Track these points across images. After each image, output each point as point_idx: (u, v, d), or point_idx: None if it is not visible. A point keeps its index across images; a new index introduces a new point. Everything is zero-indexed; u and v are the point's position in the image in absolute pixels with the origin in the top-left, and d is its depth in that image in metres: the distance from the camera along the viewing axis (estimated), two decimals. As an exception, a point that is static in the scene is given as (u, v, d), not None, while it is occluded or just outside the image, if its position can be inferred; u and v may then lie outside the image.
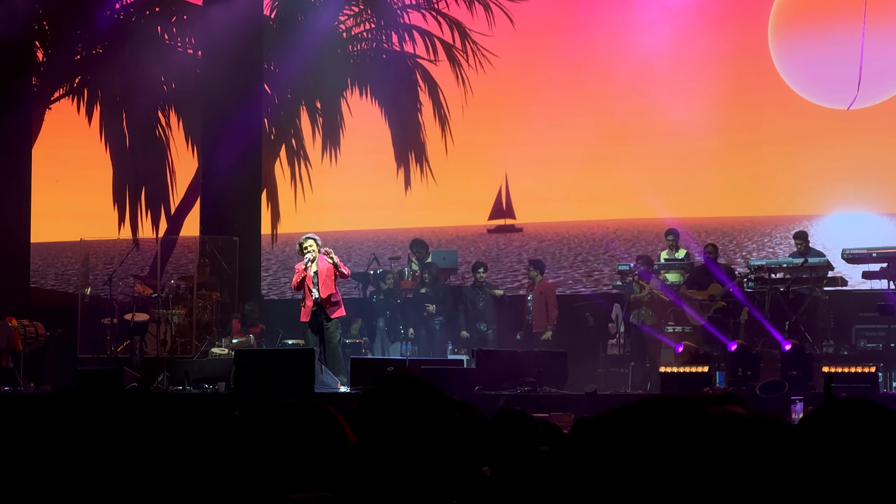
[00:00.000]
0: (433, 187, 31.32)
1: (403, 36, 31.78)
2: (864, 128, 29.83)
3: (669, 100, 30.74)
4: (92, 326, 22.71)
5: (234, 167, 23.81)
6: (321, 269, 18.30)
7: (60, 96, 31.22)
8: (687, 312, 20.02)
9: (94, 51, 30.31)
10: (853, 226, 28.87)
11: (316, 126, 31.69)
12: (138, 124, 30.64)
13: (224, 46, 23.59)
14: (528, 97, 32.57)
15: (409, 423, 3.11)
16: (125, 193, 31.10)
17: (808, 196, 32.12)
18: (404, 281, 22.25)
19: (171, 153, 31.19)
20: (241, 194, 24.48)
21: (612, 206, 34.04)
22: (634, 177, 31.49)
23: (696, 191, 32.56)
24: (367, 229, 34.18)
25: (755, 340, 18.95)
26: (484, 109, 32.17)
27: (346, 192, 32.73)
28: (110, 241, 27.25)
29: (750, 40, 31.69)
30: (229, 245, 23.22)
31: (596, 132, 31.61)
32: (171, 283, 24.27)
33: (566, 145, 32.57)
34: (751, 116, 32.39)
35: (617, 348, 20.92)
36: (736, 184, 33.24)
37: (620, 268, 21.89)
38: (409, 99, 31.54)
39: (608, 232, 35.96)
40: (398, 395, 3.18)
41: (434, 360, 19.52)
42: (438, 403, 3.20)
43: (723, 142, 32.49)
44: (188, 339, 21.92)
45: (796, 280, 19.82)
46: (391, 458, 3.08)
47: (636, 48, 30.23)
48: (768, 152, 32.29)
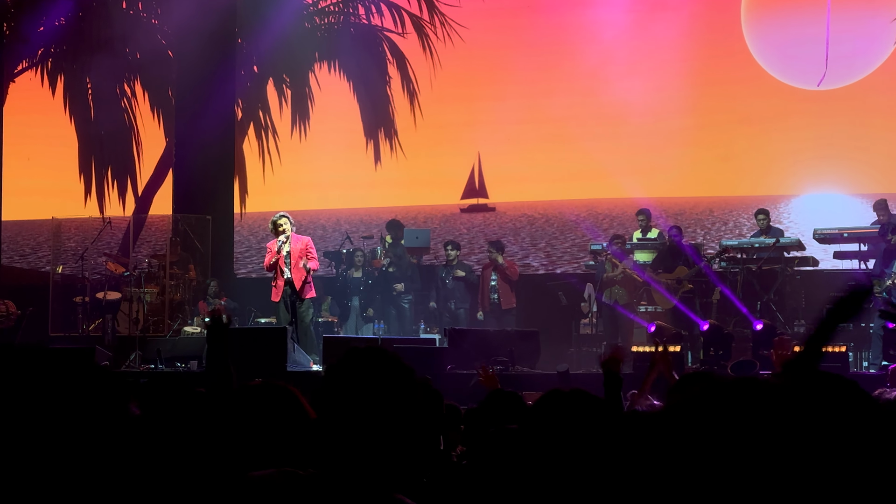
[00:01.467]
0: (406, 166, 31.29)
1: (371, 9, 31.71)
2: (836, 109, 29.95)
3: (642, 80, 30.78)
4: (64, 305, 22.64)
5: (207, 145, 23.72)
6: (294, 250, 18.24)
7: (24, 69, 30.98)
8: (659, 292, 20.07)
9: (58, 22, 30.05)
10: (824, 206, 28.99)
11: (284, 99, 31.59)
12: (103, 97, 30.43)
13: (196, 21, 23.43)
14: (501, 77, 32.57)
15: (374, 397, 3.11)
16: (91, 166, 30.95)
17: (779, 176, 32.23)
18: (376, 260, 22.24)
19: (138, 126, 31.03)
20: (214, 172, 24.39)
21: (584, 186, 34.09)
22: (607, 156, 31.54)
23: (668, 171, 32.61)
24: (340, 208, 34.15)
25: (727, 320, 19.03)
26: (456, 89, 32.16)
27: (317, 171, 32.70)
28: (82, 219, 27.13)
29: (722, 20, 31.75)
30: (202, 224, 23.15)
31: (569, 112, 31.64)
32: (143, 261, 24.20)
33: (539, 125, 32.59)
34: (723, 97, 32.47)
35: (589, 328, 20.97)
36: (708, 164, 33.33)
37: (593, 247, 21.93)
38: (377, 72, 31.48)
39: (581, 211, 36.00)
40: (364, 368, 3.17)
41: (406, 339, 19.54)
42: (404, 378, 3.20)
43: (695, 122, 32.58)
44: (160, 318, 21.87)
45: (768, 260, 19.90)
46: (353, 432, 3.08)
47: (609, 27, 30.24)
48: (740, 132, 32.38)
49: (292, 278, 18.22)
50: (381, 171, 31.46)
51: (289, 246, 18.25)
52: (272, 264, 18.36)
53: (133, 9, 30.36)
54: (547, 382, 15.96)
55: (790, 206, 32.59)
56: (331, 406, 3.14)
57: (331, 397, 3.15)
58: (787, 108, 30.93)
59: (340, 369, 3.20)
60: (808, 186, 31.04)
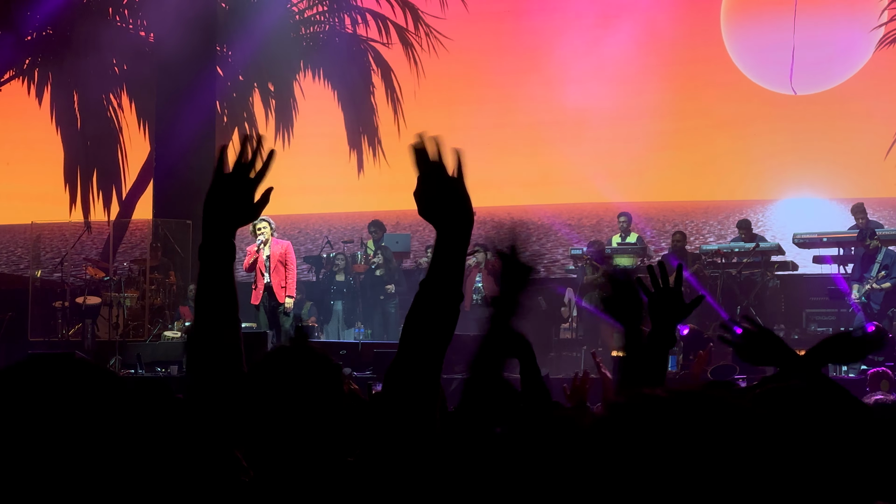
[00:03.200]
0: (386, 171, 31.32)
1: (356, 18, 31.71)
2: (815, 113, 30.07)
3: (621, 84, 30.86)
4: (43, 309, 22.59)
5: (188, 150, 23.71)
6: (273, 254, 18.26)
7: (10, 78, 30.97)
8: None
9: (45, 32, 30.06)
10: (803, 211, 29.09)
11: (269, 108, 31.59)
12: (90, 106, 30.41)
13: (177, 29, 23.45)
14: (481, 82, 32.65)
15: (295, 396, 3.10)
16: (76, 175, 30.89)
17: (758, 180, 32.35)
18: (357, 264, 22.24)
19: (123, 135, 31.00)
20: (194, 177, 24.36)
21: (563, 190, 34.17)
22: (586, 161, 31.62)
23: (647, 175, 32.72)
24: (321, 213, 34.16)
25: (707, 324, 19.08)
26: (436, 93, 32.20)
27: (299, 176, 32.71)
28: (62, 223, 27.10)
29: (701, 25, 31.85)
30: (182, 228, 23.13)
31: (548, 117, 31.73)
32: (123, 266, 24.16)
33: (517, 129, 32.67)
34: (701, 101, 32.58)
35: (570, 332, 20.99)
36: (687, 168, 33.43)
37: (573, 252, 21.97)
38: (361, 82, 31.47)
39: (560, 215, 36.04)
40: (285, 367, 3.16)
41: (386, 344, 19.53)
42: (328, 374, 3.18)
43: (673, 126, 32.67)
44: (140, 323, 21.84)
45: (748, 264, 19.96)
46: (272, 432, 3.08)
47: (588, 33, 30.33)
48: (719, 137, 32.50)
49: (271, 283, 18.23)
50: (363, 177, 31.48)
51: (268, 250, 18.25)
52: (251, 265, 18.36)
53: (120, 19, 30.37)
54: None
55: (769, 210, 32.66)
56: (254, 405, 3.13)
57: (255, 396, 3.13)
58: (766, 112, 31.04)
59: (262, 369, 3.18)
60: (788, 191, 31.16)
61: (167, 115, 24.51)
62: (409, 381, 3.22)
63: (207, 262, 3.35)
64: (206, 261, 3.35)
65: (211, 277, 3.34)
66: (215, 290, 3.34)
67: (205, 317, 3.35)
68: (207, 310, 3.36)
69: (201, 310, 3.35)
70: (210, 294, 3.35)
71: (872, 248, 18.79)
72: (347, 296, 21.87)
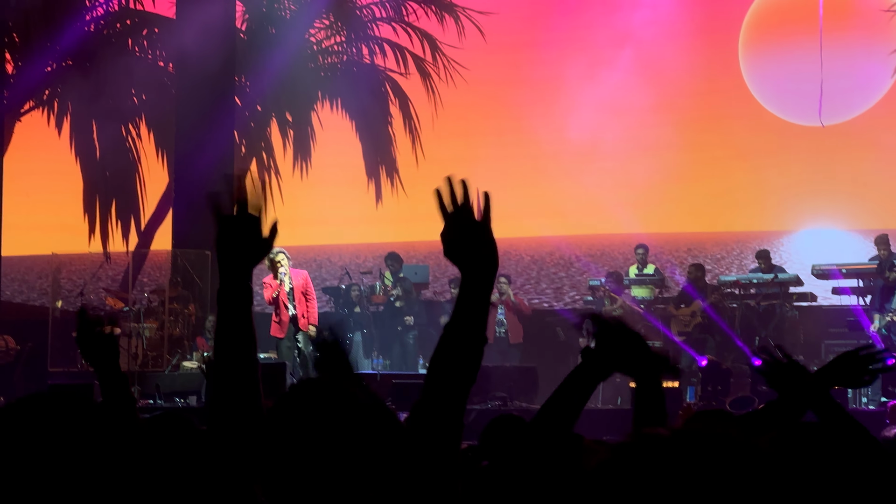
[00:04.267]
0: (405, 202, 31.33)
1: (374, 49, 31.76)
2: (834, 144, 30.05)
3: (639, 116, 30.89)
4: (63, 340, 22.61)
5: (206, 181, 23.74)
6: (296, 285, 18.31)
7: (30, 108, 31.10)
8: (657, 327, 20.10)
9: (65, 63, 30.20)
10: (822, 242, 29.04)
11: (287, 139, 31.64)
12: (109, 136, 30.51)
13: (195, 59, 23.54)
14: (500, 112, 32.71)
15: (316, 434, 3.08)
16: (95, 205, 30.97)
17: (776, 212, 32.32)
18: (375, 295, 22.25)
19: (142, 166, 31.09)
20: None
21: (581, 222, 34.18)
22: (604, 192, 31.62)
23: (666, 206, 32.71)
24: (339, 244, 34.19)
25: (725, 356, 19.04)
26: (455, 124, 32.24)
27: (317, 206, 32.75)
28: (82, 254, 27.17)
29: (720, 57, 31.89)
30: (201, 259, 23.17)
31: (565, 147, 31.75)
32: (142, 296, 24.21)
33: (537, 161, 32.70)
34: (720, 132, 32.58)
35: (587, 363, 20.93)
36: (705, 199, 33.42)
37: (591, 283, 21.95)
38: (379, 112, 31.51)
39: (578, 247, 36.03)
40: (312, 400, 3.14)
41: (405, 375, 19.52)
42: (353, 411, 3.16)
43: (693, 158, 32.67)
44: (159, 353, 21.87)
45: (766, 296, 19.91)
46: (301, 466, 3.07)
47: (607, 65, 30.36)
48: (737, 168, 32.49)
49: (297, 315, 18.26)
50: (381, 207, 31.49)
51: (290, 283, 18.29)
52: (273, 299, 18.40)
53: (139, 49, 30.53)
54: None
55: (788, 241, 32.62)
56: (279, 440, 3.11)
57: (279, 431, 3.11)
58: (785, 143, 31.04)
59: (287, 403, 3.16)
60: (806, 222, 31.12)
61: (186, 145, 24.57)
62: (434, 420, 3.22)
63: (226, 306, 3.37)
64: (224, 305, 3.37)
65: (230, 321, 3.37)
66: (235, 334, 3.37)
67: (224, 359, 3.36)
68: (227, 352, 3.38)
69: (221, 352, 3.37)
70: (229, 337, 3.37)
71: (892, 280, 18.74)
72: (366, 327, 21.88)
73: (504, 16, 32.01)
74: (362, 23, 31.53)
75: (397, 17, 31.65)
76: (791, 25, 30.53)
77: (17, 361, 22.15)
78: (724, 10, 32.18)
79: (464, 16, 31.27)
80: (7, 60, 28.97)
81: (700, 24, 32.32)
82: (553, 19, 32.97)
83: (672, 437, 1.96)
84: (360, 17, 31.48)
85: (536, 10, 33.66)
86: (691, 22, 31.91)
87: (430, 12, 31.41)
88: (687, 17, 31.44)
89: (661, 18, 30.46)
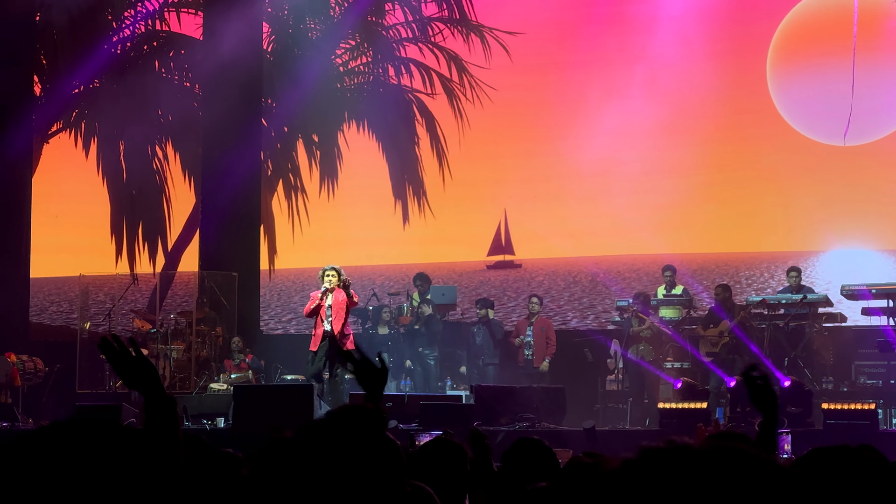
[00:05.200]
0: (432, 223, 31.29)
1: (400, 69, 31.80)
2: (862, 164, 29.93)
3: (667, 137, 30.83)
4: (91, 361, 22.67)
5: (233, 202, 23.80)
6: (335, 302, 18.33)
7: (58, 130, 31.25)
8: (685, 348, 20.03)
9: (92, 84, 30.34)
10: (851, 262, 28.90)
11: (313, 160, 31.68)
12: (135, 158, 30.63)
13: (222, 81, 23.61)
14: (527, 134, 32.69)
15: (351, 457, 3.07)
16: (122, 227, 31.07)
17: (806, 232, 32.19)
18: (403, 316, 22.24)
19: (169, 187, 31.18)
20: (239, 229, 24.46)
21: (610, 243, 34.11)
22: (632, 213, 31.55)
23: (694, 227, 32.60)
24: (367, 265, 34.19)
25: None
26: (483, 146, 32.22)
27: (345, 228, 32.77)
28: (109, 276, 27.23)
29: (747, 77, 31.81)
30: (228, 280, 23.20)
31: (594, 169, 31.68)
32: (170, 318, 24.25)
33: (565, 181, 32.66)
34: (748, 152, 32.49)
35: (615, 384, 20.89)
36: (733, 220, 33.31)
37: (619, 303, 21.89)
38: (406, 132, 31.52)
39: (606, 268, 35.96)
40: (341, 427, 3.13)
41: (432, 396, 19.51)
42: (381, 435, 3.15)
43: (720, 178, 32.59)
44: (187, 375, 21.90)
45: (795, 316, 19.80)
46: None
47: (633, 85, 30.32)
48: (765, 188, 32.38)
49: (332, 331, 18.29)
50: (408, 229, 31.46)
51: (331, 299, 18.34)
52: (312, 311, 18.46)
53: (166, 71, 30.66)
54: (573, 439, 15.93)
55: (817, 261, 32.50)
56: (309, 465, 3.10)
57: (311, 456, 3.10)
58: (813, 163, 30.93)
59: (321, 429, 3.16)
60: (835, 242, 30.98)
61: (212, 166, 24.63)
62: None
63: (152, 416, 3.79)
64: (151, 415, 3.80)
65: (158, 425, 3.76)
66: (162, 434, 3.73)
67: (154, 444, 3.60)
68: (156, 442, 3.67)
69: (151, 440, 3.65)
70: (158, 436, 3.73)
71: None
72: (392, 348, 21.87)
73: (530, 36, 31.95)
74: (388, 43, 31.58)
75: (423, 37, 31.68)
76: (821, 45, 30.45)
77: (45, 383, 22.21)
78: (749, 30, 32.12)
79: (490, 36, 31.27)
80: (35, 82, 29.15)
81: (726, 44, 32.26)
82: (579, 40, 32.96)
83: (673, 451, 1.95)
84: (386, 38, 31.53)
85: (562, 30, 33.64)
86: (717, 42, 31.86)
87: (456, 33, 31.43)
88: (712, 37, 31.39)
89: (688, 39, 30.41)
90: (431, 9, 31.47)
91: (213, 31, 24.65)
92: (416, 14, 31.52)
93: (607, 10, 32.38)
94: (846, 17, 29.03)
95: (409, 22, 31.59)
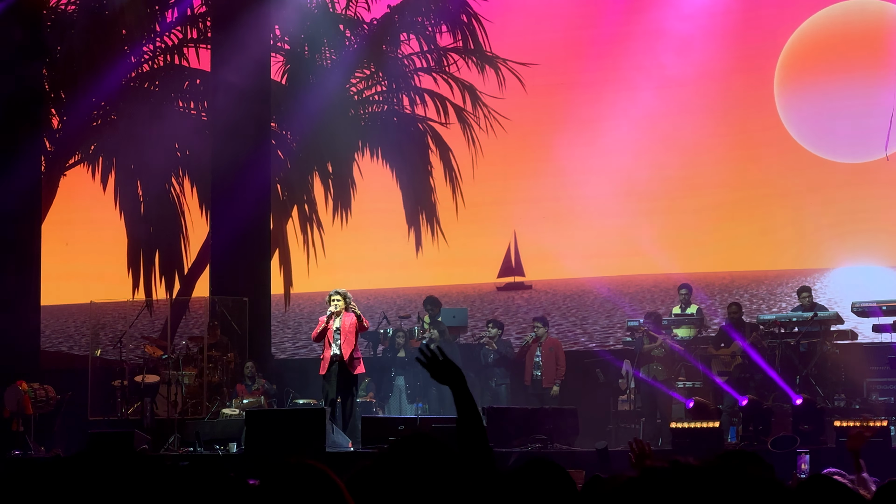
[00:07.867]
0: (442, 246, 31.27)
1: (415, 99, 31.82)
2: (873, 181, 29.88)
3: (677, 156, 30.83)
4: (102, 388, 22.69)
5: (243, 228, 23.86)
6: (344, 325, 18.35)
7: (75, 163, 31.31)
8: (697, 367, 20.01)
9: (109, 118, 30.46)
10: (862, 279, 28.86)
11: (328, 188, 31.70)
12: (153, 190, 30.71)
13: (233, 109, 23.70)
14: (537, 155, 32.70)
15: (424, 486, 3.09)
16: (139, 259, 31.09)
17: (817, 249, 32.14)
18: (414, 339, 22.24)
19: (185, 219, 31.20)
20: (249, 255, 24.51)
21: (620, 263, 34.06)
22: (643, 233, 31.52)
23: (705, 246, 32.57)
24: (378, 288, 34.20)
25: (766, 395, 18.90)
26: (493, 168, 32.22)
27: (357, 252, 32.79)
28: (120, 303, 27.27)
29: (756, 96, 31.80)
30: (239, 306, 23.23)
31: (604, 189, 31.67)
32: (181, 344, 24.27)
33: (575, 202, 32.66)
34: (759, 171, 32.46)
35: (627, 404, 20.87)
36: (745, 238, 33.27)
37: (630, 323, 21.87)
38: (420, 161, 31.56)
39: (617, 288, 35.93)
40: (413, 456, 3.15)
41: (444, 419, 19.49)
42: (452, 464, 3.17)
43: (731, 197, 32.55)
44: (199, 400, 21.91)
45: (806, 334, 19.76)
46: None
47: (645, 105, 30.30)
48: (777, 206, 32.34)
49: (341, 354, 18.30)
50: (420, 251, 31.44)
51: (338, 322, 18.35)
52: (319, 335, 18.49)
53: (183, 103, 30.76)
54: (586, 460, 15.90)
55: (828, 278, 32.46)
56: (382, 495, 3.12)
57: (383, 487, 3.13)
58: (824, 181, 30.90)
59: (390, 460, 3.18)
60: (846, 259, 30.92)
61: (222, 192, 24.70)
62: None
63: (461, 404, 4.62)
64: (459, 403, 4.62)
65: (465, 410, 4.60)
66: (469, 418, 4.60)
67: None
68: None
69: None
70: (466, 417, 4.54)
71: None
72: (409, 371, 21.87)
73: (540, 57, 31.96)
74: (403, 73, 31.62)
75: (437, 67, 31.70)
76: (828, 63, 30.45)
77: (57, 411, 22.21)
78: (758, 48, 32.12)
79: (504, 67, 31.27)
80: (52, 115, 29.29)
81: (735, 63, 32.24)
82: (590, 61, 32.96)
83: (673, 470, 1.97)
84: (400, 67, 31.56)
85: (573, 52, 33.66)
86: (726, 61, 31.83)
87: (470, 63, 31.44)
88: (721, 55, 31.36)
89: (698, 57, 30.40)
90: (447, 39, 31.49)
91: (220, 61, 24.78)
92: (430, 44, 31.53)
93: (617, 30, 32.38)
94: (855, 33, 29.05)
95: (424, 52, 31.62)
